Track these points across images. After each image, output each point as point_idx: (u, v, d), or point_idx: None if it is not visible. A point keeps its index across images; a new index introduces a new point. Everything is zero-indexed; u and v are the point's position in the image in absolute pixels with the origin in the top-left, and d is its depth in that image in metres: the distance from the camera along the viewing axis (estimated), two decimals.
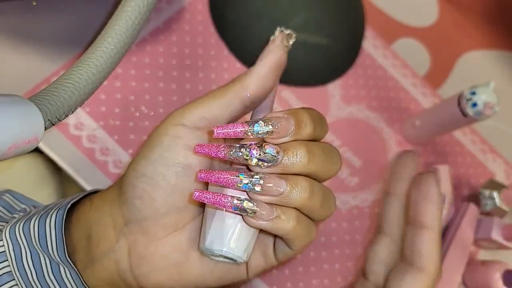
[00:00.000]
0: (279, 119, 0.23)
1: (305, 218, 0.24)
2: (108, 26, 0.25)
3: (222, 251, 0.24)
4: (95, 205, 0.27)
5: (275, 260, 0.27)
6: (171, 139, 0.24)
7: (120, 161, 0.41)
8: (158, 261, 0.25)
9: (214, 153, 0.23)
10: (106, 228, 0.26)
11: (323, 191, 0.25)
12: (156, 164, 0.24)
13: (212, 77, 0.47)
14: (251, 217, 0.23)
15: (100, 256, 0.25)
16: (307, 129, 0.24)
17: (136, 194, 0.25)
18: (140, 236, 0.25)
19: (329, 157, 0.25)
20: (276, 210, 0.23)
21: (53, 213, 0.26)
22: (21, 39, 0.42)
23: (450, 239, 0.47)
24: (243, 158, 0.23)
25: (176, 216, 0.25)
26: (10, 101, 0.20)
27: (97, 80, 0.25)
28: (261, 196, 0.23)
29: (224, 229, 0.24)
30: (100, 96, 0.42)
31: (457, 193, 0.53)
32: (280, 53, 0.26)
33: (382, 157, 0.51)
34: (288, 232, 0.24)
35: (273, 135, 0.23)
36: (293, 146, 0.23)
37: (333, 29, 0.51)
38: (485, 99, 0.43)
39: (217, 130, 0.23)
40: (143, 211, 0.25)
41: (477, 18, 0.63)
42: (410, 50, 0.58)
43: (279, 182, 0.23)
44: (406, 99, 0.55)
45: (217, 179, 0.23)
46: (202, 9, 0.49)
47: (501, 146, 0.57)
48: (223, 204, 0.23)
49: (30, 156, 0.43)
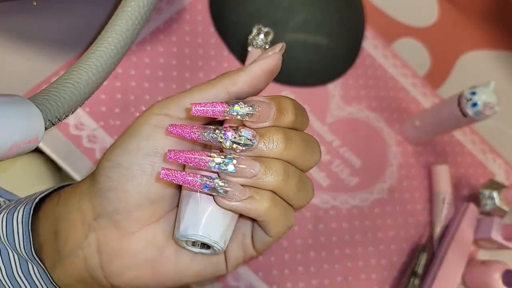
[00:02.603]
0: (260, 102, 0.22)
1: (281, 201, 0.24)
2: (108, 26, 0.25)
3: (197, 235, 0.23)
4: (63, 199, 0.25)
5: (254, 250, 0.26)
6: (152, 128, 0.23)
7: None
8: (131, 257, 0.24)
9: (187, 133, 0.22)
10: (74, 223, 0.24)
11: (300, 175, 0.24)
12: (132, 154, 0.23)
13: (212, 77, 0.47)
14: (222, 197, 0.22)
15: (68, 252, 0.24)
16: (288, 117, 0.23)
17: (109, 185, 0.23)
18: (112, 231, 0.24)
19: (307, 146, 0.24)
20: (249, 191, 0.22)
21: (20, 208, 0.25)
22: (21, 39, 0.42)
23: (450, 239, 0.47)
24: (218, 140, 0.22)
25: (150, 208, 0.24)
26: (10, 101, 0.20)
27: (97, 80, 0.24)
28: (234, 178, 0.22)
29: (199, 213, 0.23)
30: (100, 96, 0.42)
31: (457, 193, 0.53)
32: (277, 60, 0.26)
33: (382, 157, 0.51)
34: (263, 214, 0.23)
35: (253, 118, 0.22)
36: (270, 131, 0.22)
37: (333, 29, 0.51)
38: (485, 99, 0.43)
39: (195, 107, 0.22)
40: (115, 203, 0.23)
41: (477, 18, 0.63)
42: (410, 50, 0.58)
43: (252, 164, 0.22)
44: (406, 99, 0.55)
45: (187, 159, 0.22)
46: (202, 9, 0.49)
47: (501, 146, 0.57)
48: (192, 184, 0.22)
49: (30, 156, 0.43)
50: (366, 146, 0.51)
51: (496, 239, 0.47)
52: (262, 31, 0.29)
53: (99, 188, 0.24)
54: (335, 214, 0.47)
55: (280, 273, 0.43)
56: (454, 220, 0.49)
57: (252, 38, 0.29)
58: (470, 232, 0.48)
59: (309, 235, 0.45)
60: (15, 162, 0.42)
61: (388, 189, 0.50)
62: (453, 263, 0.46)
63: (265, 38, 0.29)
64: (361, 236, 0.47)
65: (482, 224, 0.49)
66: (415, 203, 0.51)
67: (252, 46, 0.29)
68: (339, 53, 0.52)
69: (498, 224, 0.48)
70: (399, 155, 0.52)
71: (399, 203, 0.50)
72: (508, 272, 0.45)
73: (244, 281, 0.42)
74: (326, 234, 0.46)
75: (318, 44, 0.50)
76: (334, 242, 0.46)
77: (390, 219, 0.49)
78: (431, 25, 0.61)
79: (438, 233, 0.49)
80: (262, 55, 0.26)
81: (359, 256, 0.47)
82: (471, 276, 0.47)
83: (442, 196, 0.50)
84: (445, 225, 0.49)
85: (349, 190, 0.49)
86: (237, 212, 0.23)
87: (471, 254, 0.50)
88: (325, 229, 0.46)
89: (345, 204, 0.48)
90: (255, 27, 0.29)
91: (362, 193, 0.49)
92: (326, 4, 0.51)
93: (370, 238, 0.48)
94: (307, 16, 0.50)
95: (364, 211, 0.48)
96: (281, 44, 0.26)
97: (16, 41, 0.42)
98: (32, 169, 0.42)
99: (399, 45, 0.58)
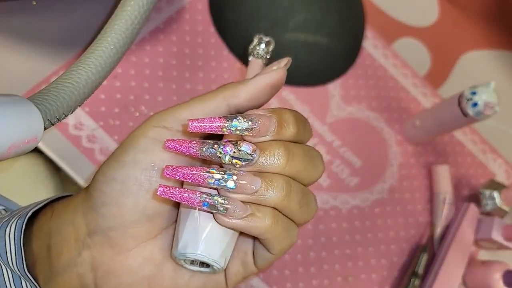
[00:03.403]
0: (260, 116, 0.22)
1: (284, 218, 0.23)
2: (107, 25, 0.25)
3: (196, 254, 0.22)
4: (56, 213, 0.24)
5: (255, 267, 0.25)
6: (150, 141, 0.23)
7: None
8: (127, 275, 0.23)
9: (185, 148, 0.21)
10: (67, 239, 0.23)
11: (302, 190, 0.23)
12: (128, 168, 0.22)
13: (212, 77, 0.47)
14: (222, 215, 0.21)
15: (61, 269, 0.23)
16: (289, 130, 0.22)
17: (103, 200, 0.22)
18: (106, 248, 0.23)
19: (310, 160, 0.23)
20: (250, 207, 0.21)
21: (13, 222, 0.24)
22: (20, 39, 0.42)
23: (451, 239, 0.47)
24: (216, 156, 0.21)
25: (147, 225, 0.23)
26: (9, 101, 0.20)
27: (97, 80, 0.24)
28: (234, 194, 0.21)
29: (199, 231, 0.22)
30: (99, 96, 0.42)
31: (458, 193, 0.53)
32: (282, 75, 0.25)
33: (382, 157, 0.51)
34: (265, 231, 0.22)
35: (253, 132, 0.21)
36: (271, 146, 0.22)
37: (333, 29, 0.51)
38: (485, 99, 0.43)
39: (192, 123, 0.21)
40: (110, 219, 0.22)
41: (477, 18, 0.63)
42: (410, 50, 0.58)
43: (253, 180, 0.21)
44: (406, 99, 0.55)
45: (185, 175, 0.21)
46: (202, 9, 0.49)
47: (502, 146, 0.57)
48: (191, 201, 0.21)
49: (29, 156, 0.43)
50: (366, 146, 0.51)
51: (497, 239, 0.47)
52: (263, 40, 0.28)
53: (93, 203, 0.23)
54: (335, 214, 0.47)
55: (280, 274, 0.43)
56: (454, 220, 0.49)
57: (253, 47, 0.29)
58: (470, 232, 0.48)
59: (309, 235, 0.45)
60: (14, 162, 0.41)
61: (389, 189, 0.50)
62: (454, 263, 0.45)
63: (266, 48, 0.28)
64: (361, 236, 0.47)
65: (482, 224, 0.49)
66: (416, 203, 0.51)
67: (253, 56, 0.29)
68: (339, 53, 0.52)
69: (499, 224, 0.48)
70: (399, 155, 0.52)
71: (399, 203, 0.50)
72: (509, 272, 0.45)
73: (244, 282, 0.42)
74: (326, 234, 0.46)
75: (318, 44, 0.50)
76: (334, 242, 0.46)
77: (391, 219, 0.49)
78: (432, 25, 0.61)
79: (438, 233, 0.49)
80: (267, 68, 0.25)
81: (359, 256, 0.47)
82: (471, 276, 0.47)
83: (443, 196, 0.50)
84: (446, 225, 0.49)
85: (349, 190, 0.48)
86: (238, 230, 0.22)
87: (472, 254, 0.50)
88: (325, 229, 0.46)
89: (345, 204, 0.48)
90: (256, 36, 0.28)
91: (362, 193, 0.49)
92: (326, 4, 0.51)
93: (370, 238, 0.47)
94: (307, 16, 0.49)
95: (365, 211, 0.48)
96: (287, 59, 0.26)
97: (15, 41, 0.42)
98: (32, 169, 0.42)
99: (399, 45, 0.58)
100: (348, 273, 0.46)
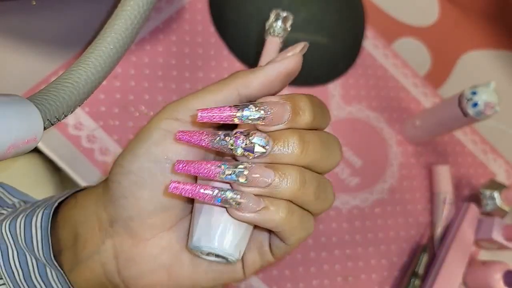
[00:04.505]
0: (273, 104, 0.21)
1: (299, 209, 0.22)
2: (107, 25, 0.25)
3: (210, 247, 0.22)
4: (80, 203, 0.25)
5: (272, 257, 0.25)
6: (163, 133, 0.23)
7: None
8: (147, 263, 0.24)
9: (197, 140, 0.21)
10: (92, 228, 0.24)
11: (318, 181, 0.22)
12: (143, 160, 0.22)
13: (212, 76, 0.47)
14: (236, 209, 0.21)
15: (86, 257, 0.24)
16: (305, 117, 0.21)
17: (121, 192, 0.23)
18: (127, 237, 0.24)
19: (326, 148, 0.22)
20: (263, 201, 0.21)
21: (39, 212, 0.25)
22: (20, 39, 0.42)
23: (451, 239, 0.47)
24: (228, 148, 0.21)
25: (164, 215, 0.24)
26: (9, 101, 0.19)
27: (97, 80, 0.24)
28: (247, 188, 0.21)
29: (212, 224, 0.22)
30: (99, 96, 0.42)
31: (458, 193, 0.53)
32: (297, 62, 0.24)
33: (382, 157, 0.51)
34: (279, 224, 0.21)
35: (265, 121, 0.21)
36: (285, 135, 0.21)
37: (333, 29, 0.51)
38: (485, 99, 0.43)
39: (201, 113, 0.20)
40: (128, 210, 0.23)
41: (477, 18, 0.63)
42: (410, 50, 0.58)
43: (266, 173, 0.21)
44: (406, 98, 0.55)
45: (196, 170, 0.21)
46: (201, 9, 0.49)
47: (502, 146, 0.57)
48: (203, 196, 0.21)
49: (29, 156, 0.43)
50: (367, 146, 0.51)
51: (497, 240, 0.47)
52: (280, 16, 0.26)
53: (112, 194, 0.23)
54: (336, 215, 0.47)
55: (280, 274, 0.43)
56: (455, 221, 0.49)
57: (270, 25, 0.26)
58: (471, 232, 0.48)
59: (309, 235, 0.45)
60: (14, 162, 0.41)
61: (389, 189, 0.50)
62: (454, 263, 0.45)
63: (284, 25, 0.26)
64: (361, 236, 0.47)
65: (483, 224, 0.49)
66: (416, 203, 0.51)
67: (270, 35, 0.27)
68: (339, 53, 0.52)
69: (499, 225, 0.48)
70: (399, 155, 0.52)
71: (399, 203, 0.50)
72: (509, 272, 0.45)
73: (244, 282, 0.42)
74: (326, 234, 0.46)
75: (318, 44, 0.50)
76: (334, 242, 0.46)
77: (391, 219, 0.49)
78: (432, 24, 0.61)
79: (438, 233, 0.49)
80: (281, 54, 0.24)
81: (359, 256, 0.46)
82: (472, 276, 0.47)
83: (443, 196, 0.50)
84: (446, 225, 0.49)
85: (349, 190, 0.48)
86: (252, 223, 0.22)
87: (472, 254, 0.50)
88: (325, 229, 0.46)
89: (345, 204, 0.48)
90: (273, 12, 0.26)
91: (363, 193, 0.49)
92: (326, 4, 0.51)
93: (371, 239, 0.47)
94: (307, 16, 0.49)
95: (365, 211, 0.48)
96: (303, 44, 0.24)
97: (15, 41, 0.42)
98: (31, 169, 0.42)
99: (399, 44, 0.58)
100: (348, 273, 0.46)
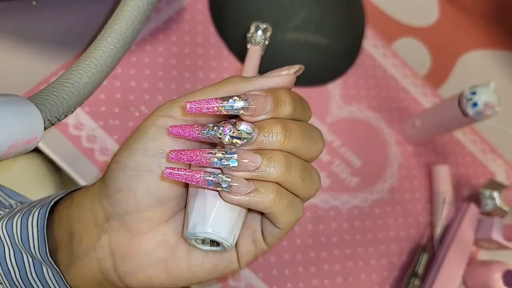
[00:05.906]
0: (255, 96, 0.23)
1: (287, 192, 0.24)
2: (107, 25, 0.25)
3: (205, 232, 0.23)
4: (75, 202, 0.26)
5: (265, 244, 0.26)
6: (157, 129, 0.24)
7: None
8: (143, 258, 0.25)
9: (188, 133, 0.23)
10: (87, 225, 0.25)
11: (303, 165, 0.24)
12: (139, 155, 0.24)
13: (212, 77, 0.47)
14: (227, 192, 0.22)
15: (82, 254, 0.25)
16: (286, 108, 0.23)
17: (117, 187, 0.24)
18: (123, 232, 0.24)
19: (309, 137, 0.24)
20: (253, 184, 0.23)
21: (35, 211, 0.25)
22: (20, 39, 0.42)
23: (451, 239, 0.47)
24: (217, 137, 0.22)
25: (160, 209, 0.25)
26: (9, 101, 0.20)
27: (97, 80, 0.24)
28: (237, 172, 0.22)
29: (206, 211, 0.24)
30: (99, 96, 0.42)
31: (458, 193, 0.53)
32: (290, 82, 0.25)
33: (382, 157, 0.51)
34: (269, 206, 0.23)
35: (249, 112, 0.22)
36: (269, 124, 0.23)
37: (333, 28, 0.51)
38: (485, 99, 0.43)
39: (190, 104, 0.22)
40: (124, 204, 0.24)
41: (477, 18, 0.63)
42: (410, 50, 0.58)
43: (254, 157, 0.22)
44: (406, 99, 0.55)
45: (189, 158, 0.22)
46: (201, 9, 0.49)
47: (502, 146, 0.57)
48: (196, 180, 0.22)
49: (29, 156, 0.43)
50: (366, 146, 0.51)
51: (497, 239, 0.47)
52: (260, 27, 0.29)
53: (108, 189, 0.24)
54: (335, 214, 0.47)
55: (280, 274, 0.43)
56: (454, 220, 0.49)
57: (251, 35, 0.29)
58: (470, 232, 0.48)
59: (309, 235, 0.45)
60: (14, 162, 0.41)
61: (389, 189, 0.50)
62: (454, 263, 0.45)
63: (264, 35, 0.29)
64: (361, 236, 0.47)
65: (482, 224, 0.49)
66: (416, 203, 0.51)
67: (251, 43, 0.29)
68: (339, 53, 0.52)
69: (499, 224, 0.48)
70: (399, 155, 0.52)
71: (399, 203, 0.50)
72: (509, 272, 0.45)
73: (244, 282, 0.42)
74: (326, 234, 0.46)
75: (318, 44, 0.50)
76: (334, 242, 0.46)
77: (391, 219, 0.49)
78: (432, 25, 0.61)
79: (438, 233, 0.49)
80: (276, 71, 0.26)
81: (359, 256, 0.47)
82: (471, 276, 0.47)
83: (443, 196, 0.50)
84: (446, 225, 0.49)
85: (349, 190, 0.49)
86: (244, 206, 0.24)
87: (472, 254, 0.50)
88: (325, 229, 0.46)
89: (345, 204, 0.48)
90: (253, 24, 0.29)
91: (362, 193, 0.49)
92: (326, 4, 0.51)
93: (370, 238, 0.47)
94: (307, 16, 0.49)
95: (364, 211, 0.48)
96: (298, 66, 0.26)
97: (15, 41, 0.42)
98: (32, 169, 0.42)
99: (399, 45, 0.58)
100: (348, 273, 0.46)
